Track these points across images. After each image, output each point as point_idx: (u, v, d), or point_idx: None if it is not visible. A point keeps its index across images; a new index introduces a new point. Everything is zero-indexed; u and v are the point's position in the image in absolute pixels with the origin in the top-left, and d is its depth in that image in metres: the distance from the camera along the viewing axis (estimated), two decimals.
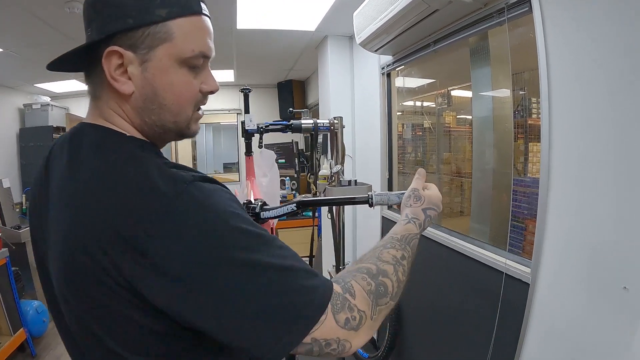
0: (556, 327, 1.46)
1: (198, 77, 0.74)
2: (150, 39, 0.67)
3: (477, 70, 2.14)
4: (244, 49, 4.11)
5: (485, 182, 2.15)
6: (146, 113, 0.72)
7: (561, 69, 1.41)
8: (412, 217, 0.96)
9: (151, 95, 0.70)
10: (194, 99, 0.75)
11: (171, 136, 0.77)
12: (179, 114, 0.74)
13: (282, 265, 0.64)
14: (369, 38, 2.36)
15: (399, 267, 0.80)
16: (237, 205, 0.67)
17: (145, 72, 0.68)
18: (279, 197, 2.07)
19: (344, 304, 0.67)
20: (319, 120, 1.96)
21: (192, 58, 0.70)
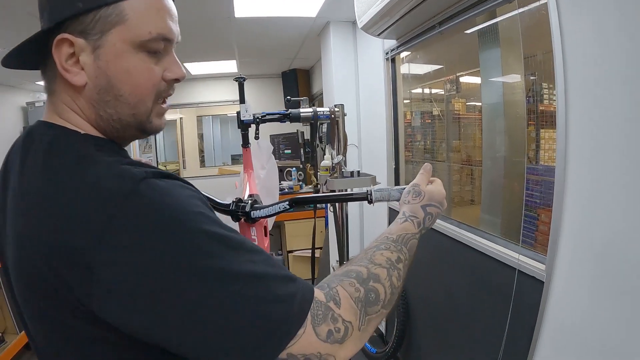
0: (572, 328, 1.36)
1: (160, 63, 0.67)
2: (102, 22, 0.60)
3: (485, 52, 2.03)
4: (245, 39, 4.03)
5: (496, 171, 2.05)
6: (101, 106, 0.65)
7: (578, 51, 1.29)
8: (409, 215, 0.87)
9: (105, 85, 0.63)
10: (155, 87, 0.67)
11: (131, 132, 0.69)
12: (137, 105, 0.66)
13: (253, 272, 0.56)
14: (371, 21, 2.26)
15: (393, 271, 0.72)
16: (200, 203, 0.59)
17: (98, 59, 0.62)
18: (277, 190, 1.99)
19: (327, 314, 0.60)
20: (318, 109, 1.87)
21: (149, 41, 0.63)
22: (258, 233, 1.16)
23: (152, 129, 0.71)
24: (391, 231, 0.82)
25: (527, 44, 1.66)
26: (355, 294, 0.64)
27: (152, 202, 0.54)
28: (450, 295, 2.22)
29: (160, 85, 0.68)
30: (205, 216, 0.57)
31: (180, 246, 0.53)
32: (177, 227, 0.54)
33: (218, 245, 0.56)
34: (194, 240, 0.54)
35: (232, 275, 0.55)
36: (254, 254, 0.59)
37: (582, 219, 1.32)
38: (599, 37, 1.21)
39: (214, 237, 0.56)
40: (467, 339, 2.06)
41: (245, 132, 1.81)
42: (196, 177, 6.77)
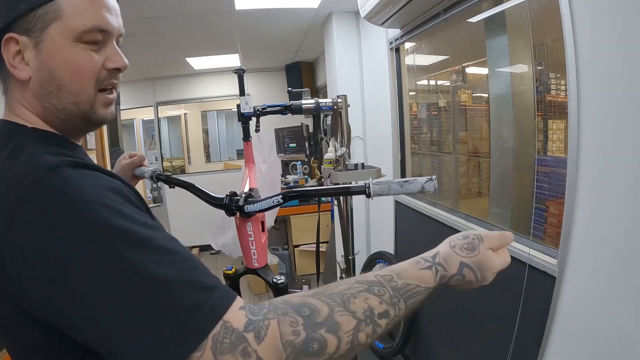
0: (585, 325, 1.31)
1: (101, 53, 0.70)
2: (41, 20, 0.64)
3: (492, 41, 1.97)
4: (247, 32, 3.98)
5: (505, 163, 1.99)
6: (45, 98, 0.68)
7: (590, 37, 1.24)
8: (438, 262, 0.70)
9: (47, 77, 0.67)
10: (95, 75, 0.69)
11: (77, 123, 0.72)
12: (79, 93, 0.69)
13: (151, 273, 0.51)
14: (374, 10, 2.21)
15: (366, 327, 0.57)
16: (112, 195, 0.57)
17: (40, 54, 0.66)
18: (279, 183, 1.95)
19: (236, 345, 0.51)
20: (320, 100, 1.82)
21: (85, 33, 0.66)
22: (254, 228, 1.12)
23: (97, 119, 0.73)
24: (401, 273, 0.65)
25: (536, 31, 1.60)
26: (289, 337, 0.52)
27: (58, 191, 0.54)
28: (458, 290, 2.17)
29: (101, 73, 0.70)
30: (112, 208, 0.55)
31: (75, 237, 0.52)
32: (77, 217, 0.53)
33: (115, 239, 0.52)
34: (90, 233, 0.52)
35: (130, 271, 0.51)
36: (162, 252, 0.54)
37: (596, 212, 1.27)
38: (612, 23, 1.16)
39: (114, 230, 0.53)
40: (475, 335, 2.02)
41: (245, 125, 1.77)
42: (202, 172, 6.76)
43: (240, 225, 1.12)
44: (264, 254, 1.17)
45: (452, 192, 2.46)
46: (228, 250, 1.62)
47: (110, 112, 0.75)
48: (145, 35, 3.75)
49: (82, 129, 0.75)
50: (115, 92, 0.77)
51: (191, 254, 0.58)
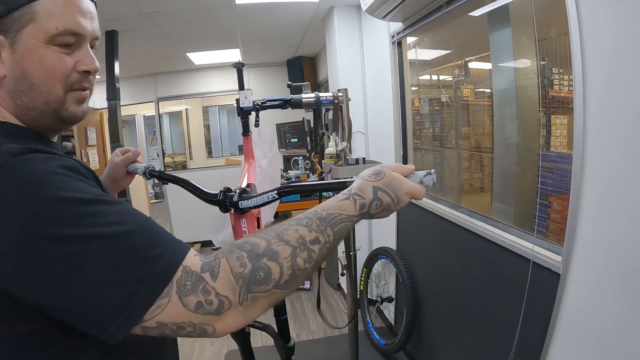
0: (592, 327, 1.29)
1: (73, 55, 0.72)
2: (17, 22, 0.67)
3: (496, 35, 1.94)
4: (247, 26, 3.96)
5: (509, 158, 1.97)
6: (18, 95, 0.71)
7: (596, 31, 1.21)
8: (355, 193, 0.77)
9: (20, 76, 0.70)
10: (65, 76, 0.72)
11: (47, 120, 0.74)
12: (49, 93, 0.71)
13: (114, 232, 0.58)
14: (375, 3, 2.18)
15: (301, 252, 0.66)
16: (68, 172, 0.62)
17: (14, 54, 0.69)
18: (279, 179, 1.93)
19: (197, 285, 0.59)
20: (321, 94, 1.80)
21: (57, 36, 0.69)
22: (249, 224, 1.10)
23: (69, 116, 0.75)
24: (325, 207, 0.75)
25: (541, 24, 1.57)
26: (237, 270, 0.61)
27: (18, 174, 0.58)
28: (461, 287, 2.16)
29: (71, 75, 0.72)
30: (68, 184, 0.60)
31: (38, 215, 0.56)
32: (36, 197, 0.56)
33: (77, 209, 0.58)
34: (52, 207, 0.57)
35: (90, 237, 0.56)
36: (121, 215, 0.60)
37: (601, 209, 1.25)
38: (618, 16, 1.14)
39: (76, 202, 0.58)
40: (478, 332, 2.00)
41: (245, 120, 1.75)
42: (203, 168, 6.74)
43: (235, 221, 1.10)
44: None
45: (455, 188, 2.44)
46: None
47: (81, 109, 0.76)
48: (146, 31, 3.73)
49: (53, 127, 0.77)
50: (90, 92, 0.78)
51: (144, 215, 0.64)
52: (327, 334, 3.43)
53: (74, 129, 5.34)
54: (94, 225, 0.58)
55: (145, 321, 0.57)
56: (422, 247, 2.66)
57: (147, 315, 0.57)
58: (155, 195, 9.13)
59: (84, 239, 0.56)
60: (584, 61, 1.25)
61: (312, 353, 3.15)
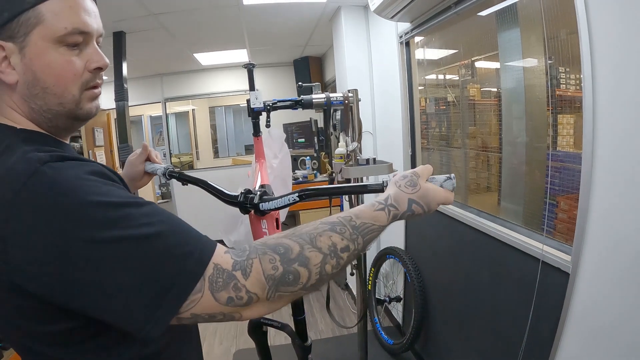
0: (602, 326, 1.29)
1: (82, 55, 0.73)
2: (24, 26, 0.68)
3: (504, 34, 1.94)
4: (255, 27, 3.97)
5: (517, 158, 1.97)
6: (32, 99, 0.72)
7: (605, 30, 1.22)
8: (390, 204, 0.78)
9: (32, 80, 0.70)
10: (78, 77, 0.73)
11: (63, 120, 0.75)
12: (63, 94, 0.72)
13: (146, 234, 0.61)
14: (383, 4, 2.19)
15: (331, 259, 0.68)
16: (96, 177, 0.65)
17: (24, 58, 0.69)
18: (290, 179, 1.94)
19: (229, 282, 0.62)
20: (331, 95, 1.81)
21: (66, 35, 0.70)
22: (269, 225, 1.11)
23: (83, 114, 0.76)
24: (360, 214, 0.75)
25: (549, 24, 1.58)
26: (270, 272, 0.64)
27: (51, 181, 0.60)
28: (470, 286, 2.16)
29: (84, 75, 0.73)
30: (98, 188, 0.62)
31: (73, 220, 0.58)
32: (70, 202, 0.59)
33: (110, 213, 0.60)
34: (86, 212, 0.59)
35: (124, 239, 0.59)
36: (150, 216, 0.63)
37: (611, 208, 1.25)
38: (628, 15, 1.14)
39: (108, 206, 0.60)
40: (487, 332, 2.01)
41: (256, 120, 1.76)
42: (210, 168, 6.77)
43: (254, 222, 1.11)
44: None
45: (462, 187, 2.44)
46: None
47: (95, 105, 0.78)
48: (153, 31, 3.75)
49: (68, 127, 0.78)
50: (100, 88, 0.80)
51: (171, 214, 0.66)
52: (336, 333, 3.44)
53: (82, 129, 5.38)
54: (126, 227, 0.60)
55: (180, 314, 0.61)
56: (430, 246, 2.66)
57: (182, 309, 0.60)
58: (162, 196, 9.16)
59: (117, 240, 0.59)
60: (593, 60, 1.25)
61: (320, 353, 3.17)
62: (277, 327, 1.22)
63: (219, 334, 3.56)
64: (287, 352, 1.36)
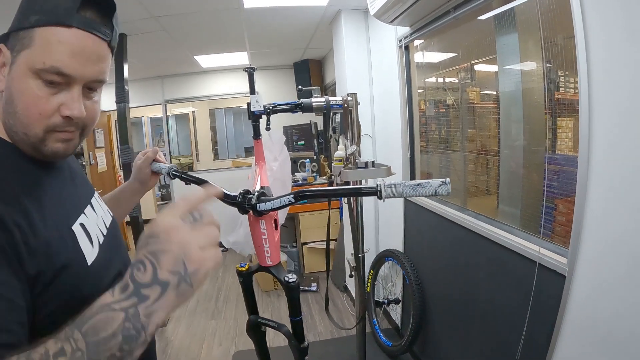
0: (596, 327, 1.31)
1: (58, 95, 0.68)
2: (20, 43, 0.67)
3: (502, 39, 1.96)
4: (255, 30, 3.99)
5: (515, 161, 1.99)
6: (6, 115, 0.70)
7: (601, 34, 1.23)
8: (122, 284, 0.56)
9: (8, 98, 0.69)
10: (44, 117, 0.68)
11: (28, 149, 0.71)
12: (28, 127, 0.68)
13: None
14: (383, 8, 2.21)
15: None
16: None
17: (9, 74, 0.68)
18: (290, 181, 1.95)
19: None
20: (331, 98, 1.83)
21: (42, 71, 0.65)
22: (267, 226, 1.12)
23: (48, 153, 0.71)
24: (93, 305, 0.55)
25: (547, 28, 1.59)
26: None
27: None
28: (468, 288, 2.17)
29: (53, 117, 0.68)
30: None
31: None
32: None
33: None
34: None
35: None
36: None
37: (606, 211, 1.27)
38: (623, 20, 1.16)
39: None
40: (484, 333, 2.02)
41: (256, 123, 1.78)
42: (210, 169, 6.78)
43: (253, 223, 1.13)
44: (277, 252, 1.18)
45: (461, 190, 2.46)
46: (239, 248, 1.63)
47: (64, 147, 0.72)
48: (154, 34, 3.77)
49: (36, 155, 0.72)
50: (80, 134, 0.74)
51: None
52: (334, 335, 3.45)
53: None
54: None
55: None
56: (428, 249, 2.68)
57: None
58: (161, 197, 9.19)
59: None
60: (589, 64, 1.27)
61: (319, 354, 3.18)
62: (274, 327, 1.23)
63: (218, 335, 3.58)
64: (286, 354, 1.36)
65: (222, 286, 4.63)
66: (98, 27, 0.70)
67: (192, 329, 3.71)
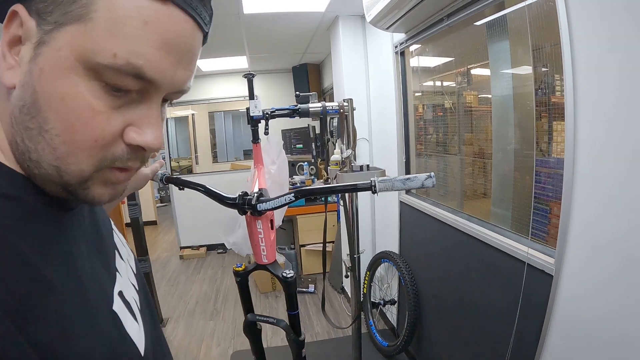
0: (583, 325, 1.35)
1: (124, 111, 0.43)
2: (62, 8, 0.38)
3: (494, 45, 2.02)
4: (254, 35, 4.04)
5: (507, 164, 2.04)
6: (20, 131, 0.42)
7: (585, 42, 1.28)
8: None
9: (29, 103, 0.40)
10: (99, 145, 0.42)
11: (55, 189, 0.44)
12: (66, 158, 0.41)
13: None
14: (379, 15, 2.26)
15: None
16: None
17: (34, 60, 0.40)
18: (287, 184, 2.01)
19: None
20: (327, 104, 1.89)
21: (107, 68, 0.39)
22: (264, 226, 1.18)
23: (88, 198, 0.45)
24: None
25: (537, 36, 1.65)
26: None
27: None
28: (461, 289, 2.22)
29: (114, 145, 0.43)
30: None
31: None
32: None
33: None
34: None
35: None
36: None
37: (592, 211, 1.31)
38: (607, 28, 1.20)
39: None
40: (476, 332, 2.07)
41: (255, 127, 1.83)
42: (209, 172, 6.82)
43: (250, 223, 1.18)
44: (273, 251, 1.23)
45: (457, 193, 2.50)
46: (238, 248, 1.68)
47: (109, 194, 0.47)
48: None
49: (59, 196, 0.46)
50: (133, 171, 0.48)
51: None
52: (331, 335, 3.50)
53: None
54: None
55: None
56: (423, 250, 2.72)
57: None
58: (160, 200, 9.24)
59: None
60: (574, 70, 1.31)
61: (316, 354, 3.22)
62: (272, 322, 1.29)
63: (217, 335, 3.61)
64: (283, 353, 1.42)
65: (221, 287, 4.67)
66: (199, 8, 0.44)
67: (191, 330, 3.75)
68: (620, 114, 1.18)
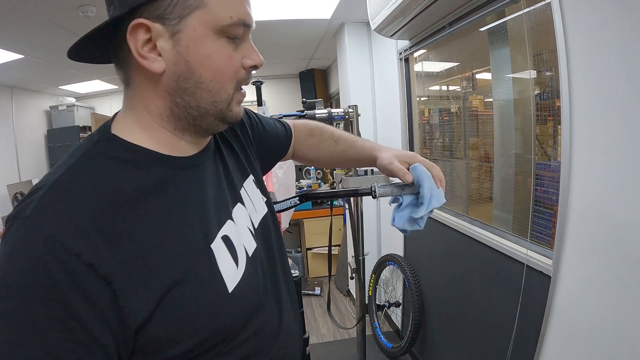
0: (581, 325, 1.39)
1: (239, 49, 0.65)
2: (180, 6, 0.58)
3: (495, 52, 2.07)
4: (262, 41, 4.07)
5: (508, 168, 2.08)
6: (179, 94, 0.63)
7: (581, 48, 1.32)
8: None
9: (185, 72, 0.61)
10: (236, 74, 0.65)
11: (209, 120, 0.67)
12: (219, 92, 0.64)
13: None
14: (383, 23, 2.30)
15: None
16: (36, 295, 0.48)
17: (178, 45, 0.59)
18: (294, 187, 2.06)
19: None
20: (333, 110, 1.94)
21: (230, 26, 0.61)
22: None
23: (232, 117, 0.69)
24: None
25: (535, 42, 1.69)
26: None
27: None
28: (463, 291, 2.25)
29: (240, 72, 0.66)
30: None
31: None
32: None
33: None
34: None
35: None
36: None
37: (588, 213, 1.34)
38: (602, 35, 1.24)
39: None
40: (478, 333, 2.10)
41: None
42: None
43: None
44: None
45: (463, 198, 2.52)
46: None
47: (241, 109, 0.71)
48: None
49: (211, 128, 0.70)
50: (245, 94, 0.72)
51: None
52: (337, 337, 3.54)
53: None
54: None
55: None
56: (427, 253, 2.76)
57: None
58: None
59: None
60: (570, 75, 1.36)
61: (322, 355, 3.26)
62: None
63: None
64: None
65: None
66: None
67: None
68: (615, 118, 1.22)
